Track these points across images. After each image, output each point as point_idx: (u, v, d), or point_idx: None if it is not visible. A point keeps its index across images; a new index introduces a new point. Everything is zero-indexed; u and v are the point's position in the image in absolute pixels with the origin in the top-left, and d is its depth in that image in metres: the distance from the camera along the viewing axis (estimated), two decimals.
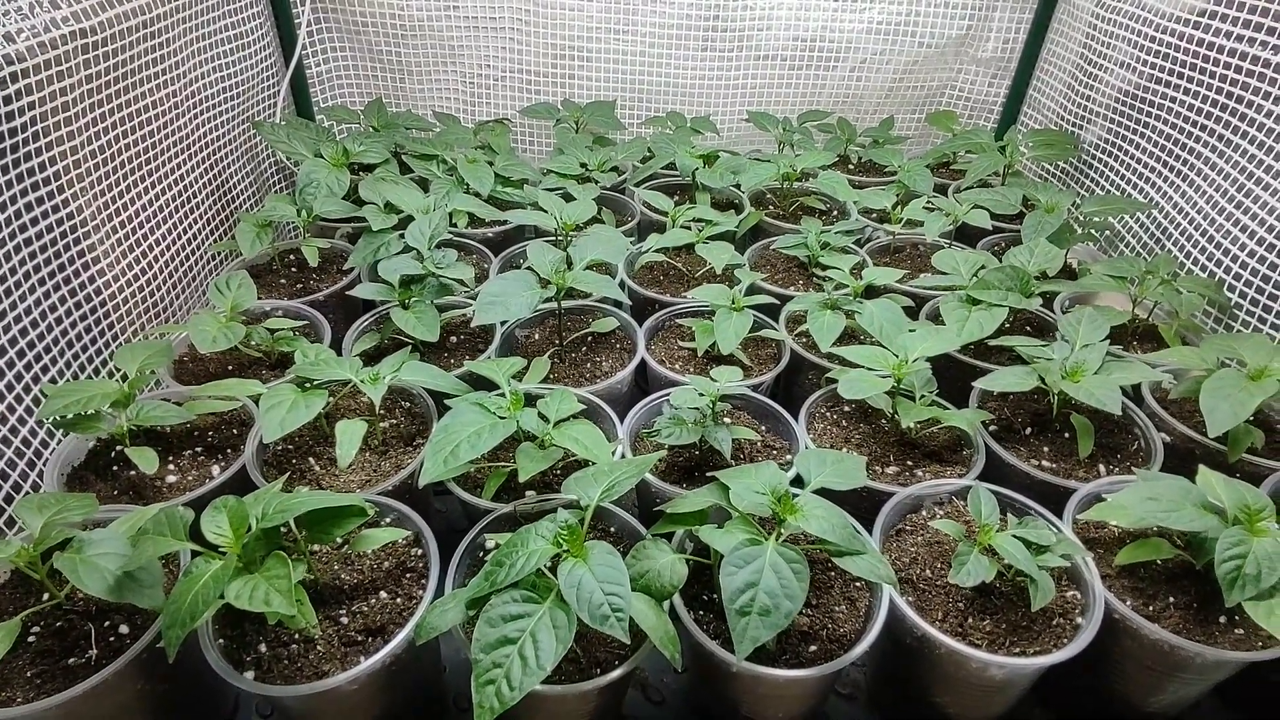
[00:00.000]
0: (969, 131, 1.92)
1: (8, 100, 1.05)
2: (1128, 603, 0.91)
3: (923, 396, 1.14)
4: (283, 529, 0.85)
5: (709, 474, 0.96)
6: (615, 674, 0.80)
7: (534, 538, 0.81)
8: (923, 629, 0.86)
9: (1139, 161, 1.64)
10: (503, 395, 1.03)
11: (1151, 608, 0.91)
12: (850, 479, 0.90)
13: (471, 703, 0.70)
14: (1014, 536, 0.90)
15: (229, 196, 1.69)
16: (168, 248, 1.46)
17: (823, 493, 0.89)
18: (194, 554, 0.79)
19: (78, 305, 1.24)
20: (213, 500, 0.84)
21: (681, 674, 1.09)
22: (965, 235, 1.68)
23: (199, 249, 1.57)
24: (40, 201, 1.15)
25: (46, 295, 1.18)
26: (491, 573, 0.79)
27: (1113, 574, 0.95)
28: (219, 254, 1.60)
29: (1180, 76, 1.51)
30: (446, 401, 1.00)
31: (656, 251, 1.47)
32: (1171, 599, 0.92)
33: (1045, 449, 1.15)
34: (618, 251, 1.33)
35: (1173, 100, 1.53)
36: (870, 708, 1.07)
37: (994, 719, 0.99)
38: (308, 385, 1.05)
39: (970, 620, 0.90)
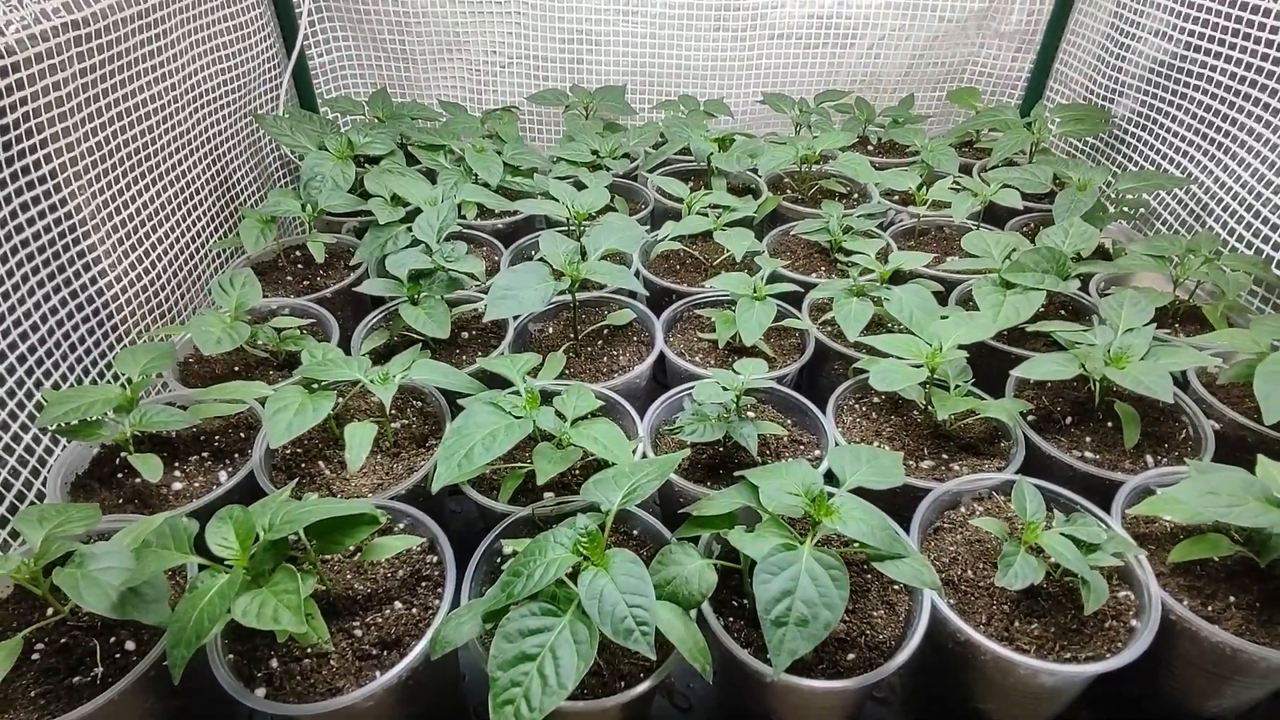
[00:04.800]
0: (993, 109, 1.85)
1: None
2: (1184, 603, 0.85)
3: (958, 386, 1.08)
4: (292, 538, 0.81)
5: (736, 473, 0.91)
6: (640, 689, 0.76)
7: (553, 545, 0.76)
8: (966, 634, 0.81)
9: (1176, 135, 1.56)
10: (517, 393, 0.98)
11: (1210, 608, 0.86)
12: (888, 477, 0.85)
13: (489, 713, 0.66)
14: (1062, 535, 0.85)
15: (233, 191, 1.65)
16: (170, 246, 1.42)
17: (858, 491, 0.84)
18: (200, 567, 0.76)
19: (79, 308, 1.20)
20: (220, 508, 0.80)
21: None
22: (993, 216, 1.61)
23: (203, 246, 1.53)
24: (36, 201, 1.11)
25: (46, 298, 1.14)
26: (509, 583, 0.74)
27: (1166, 572, 0.90)
28: (223, 251, 1.57)
29: (1220, 43, 1.43)
30: (460, 401, 0.96)
31: (673, 240, 1.42)
32: (1232, 598, 0.86)
33: (1088, 439, 1.10)
34: (632, 240, 1.28)
35: (1212, 69, 1.46)
36: (907, 713, 1.02)
37: None
38: (315, 386, 1.01)
39: (1017, 624, 0.85)
